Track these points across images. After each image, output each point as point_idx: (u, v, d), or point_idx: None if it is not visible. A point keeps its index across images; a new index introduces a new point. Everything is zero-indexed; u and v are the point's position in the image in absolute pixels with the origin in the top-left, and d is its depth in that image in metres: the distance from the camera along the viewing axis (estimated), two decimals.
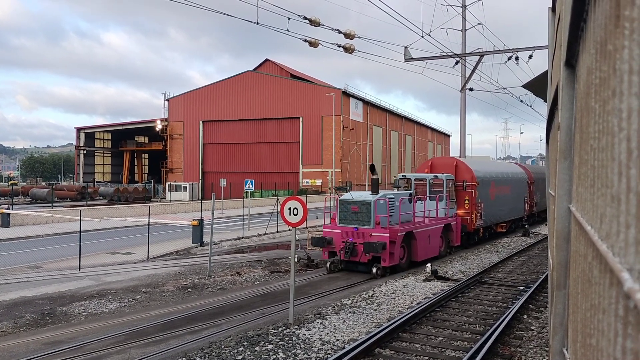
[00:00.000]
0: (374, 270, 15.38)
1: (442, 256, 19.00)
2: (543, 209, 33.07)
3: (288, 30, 14.48)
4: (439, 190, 20.49)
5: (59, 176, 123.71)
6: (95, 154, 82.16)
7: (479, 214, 21.77)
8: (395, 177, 23.33)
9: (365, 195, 16.72)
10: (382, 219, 15.83)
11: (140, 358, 8.69)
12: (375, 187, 16.95)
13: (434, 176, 20.52)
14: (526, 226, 28.51)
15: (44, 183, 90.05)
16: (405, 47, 27.51)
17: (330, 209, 20.12)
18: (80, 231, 18.43)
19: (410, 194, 18.28)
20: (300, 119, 60.21)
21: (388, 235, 15.46)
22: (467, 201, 21.35)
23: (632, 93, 0.85)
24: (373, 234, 15.57)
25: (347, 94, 59.23)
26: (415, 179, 21.09)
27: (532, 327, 10.37)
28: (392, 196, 16.73)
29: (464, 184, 21.57)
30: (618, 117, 0.97)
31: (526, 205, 29.13)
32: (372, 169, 17.39)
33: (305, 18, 14.22)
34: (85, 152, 79.14)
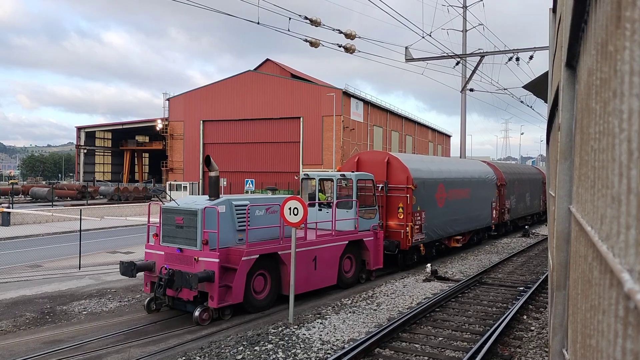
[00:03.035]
0: (197, 312, 10.42)
1: (350, 285, 14.04)
2: (521, 216, 29.13)
3: (289, 30, 14.49)
4: (365, 193, 15.97)
5: (60, 175, 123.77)
6: (96, 153, 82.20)
7: (417, 226, 16.71)
8: (296, 177, 18.79)
9: (198, 201, 11.70)
10: (211, 236, 10.82)
11: (140, 357, 8.70)
12: (214, 188, 11.85)
13: (340, 175, 15.31)
14: (526, 226, 28.48)
15: (44, 182, 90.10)
16: (406, 48, 27.52)
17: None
18: (80, 230, 18.44)
19: None
20: (301, 119, 60.24)
21: (217, 260, 10.60)
22: (400, 209, 16.40)
23: (633, 94, 0.85)
24: (200, 259, 10.80)
25: (347, 94, 59.24)
26: (320, 179, 16.21)
27: (532, 328, 10.36)
28: (245, 202, 11.74)
29: (394, 187, 16.71)
30: (619, 118, 0.97)
31: (494, 212, 23.74)
32: (208, 162, 11.98)
33: (306, 18, 14.23)
34: (85, 151, 79.18)
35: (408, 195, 16.38)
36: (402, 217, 16.42)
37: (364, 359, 8.35)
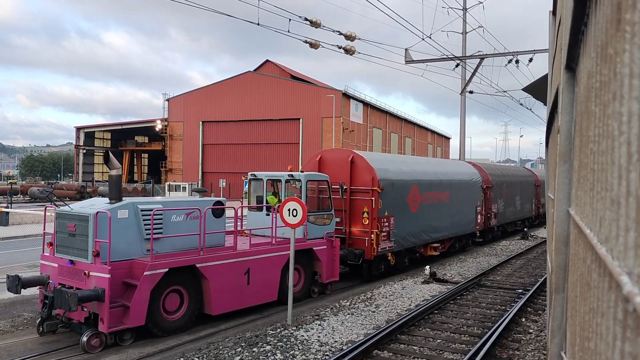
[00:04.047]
0: (84, 338, 8.95)
1: (296, 300, 11.99)
2: (510, 221, 27.23)
3: (289, 32, 14.50)
4: (319, 196, 14.50)
5: (58, 175, 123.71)
6: (95, 154, 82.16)
7: (384, 233, 14.91)
8: (243, 177, 15.15)
9: (97, 204, 9.96)
10: (102, 246, 9.20)
11: (138, 358, 8.69)
12: (114, 190, 10.00)
13: (288, 175, 13.51)
14: (525, 229, 28.50)
15: (43, 182, 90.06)
16: (406, 49, 27.55)
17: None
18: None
19: (219, 201, 11.15)
20: (300, 120, 60.26)
21: (108, 276, 8.98)
22: (365, 214, 14.72)
23: (632, 97, 0.85)
24: (92, 273, 9.19)
25: (347, 96, 59.29)
26: (268, 180, 14.28)
27: (530, 330, 10.36)
28: (155, 205, 10.01)
29: (359, 189, 14.92)
30: (618, 121, 0.97)
31: (479, 217, 21.84)
32: (107, 158, 10.07)
33: (306, 19, 14.24)
34: (84, 151, 79.15)
35: (373, 198, 14.58)
36: (366, 222, 14.65)
37: None
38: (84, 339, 8.97)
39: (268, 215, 13.27)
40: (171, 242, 10.14)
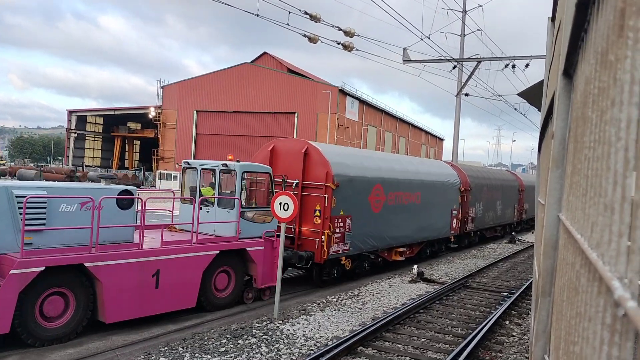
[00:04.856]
0: None
1: (222, 307, 11.10)
2: (489, 226, 25.79)
3: (288, 24, 14.45)
4: (261, 189, 13.07)
5: (48, 158, 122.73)
6: (86, 138, 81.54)
7: (338, 235, 13.47)
8: (177, 165, 11.98)
9: None
10: None
11: (122, 345, 8.66)
12: None
13: (222, 165, 11.94)
14: (513, 233, 28.71)
15: (32, 164, 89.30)
16: (404, 49, 27.59)
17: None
18: None
19: (127, 190, 9.71)
20: (296, 114, 60.16)
21: None
22: (317, 212, 13.33)
23: (632, 102, 0.85)
24: None
25: (343, 92, 59.25)
26: (203, 169, 12.47)
27: (514, 333, 10.45)
28: (36, 191, 8.67)
29: (311, 185, 13.50)
30: (616, 127, 0.97)
31: (454, 221, 20.54)
32: None
33: (306, 13, 14.20)
34: (76, 135, 78.52)
35: (326, 195, 13.14)
36: (318, 222, 13.23)
37: (346, 357, 8.38)
38: None
39: (202, 209, 11.59)
40: (59, 235, 8.66)
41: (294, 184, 13.45)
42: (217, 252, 10.81)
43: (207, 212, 11.76)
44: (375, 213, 15.12)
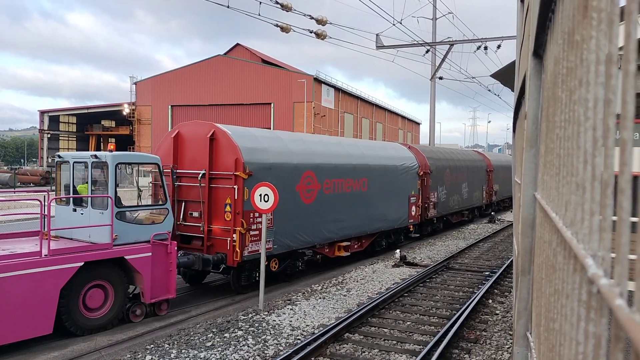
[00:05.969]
0: None
1: (95, 329, 9.14)
2: (455, 211, 24.07)
3: (259, 15, 14.30)
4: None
5: (22, 160, 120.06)
6: (60, 138, 79.92)
7: (256, 232, 11.53)
8: (51, 158, 10.31)
9: None
10: None
11: (107, 346, 8.58)
12: None
13: (92, 156, 9.89)
14: (492, 213, 29.15)
15: (5, 167, 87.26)
16: (377, 35, 27.57)
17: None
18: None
19: None
20: (272, 105, 59.81)
21: None
22: (228, 207, 11.41)
23: (598, 82, 0.86)
24: None
25: (318, 81, 59.06)
26: (75, 162, 10.46)
27: (497, 312, 10.65)
28: None
29: (219, 175, 11.63)
30: (584, 107, 0.99)
31: (414, 208, 18.77)
32: None
33: (277, 2, 14.06)
34: (49, 135, 76.91)
35: (236, 186, 11.25)
36: (229, 219, 11.35)
37: (333, 344, 8.44)
38: None
39: (75, 210, 10.03)
40: None
41: (200, 175, 11.65)
42: (81, 264, 8.76)
43: (82, 214, 9.93)
44: (306, 204, 13.22)
